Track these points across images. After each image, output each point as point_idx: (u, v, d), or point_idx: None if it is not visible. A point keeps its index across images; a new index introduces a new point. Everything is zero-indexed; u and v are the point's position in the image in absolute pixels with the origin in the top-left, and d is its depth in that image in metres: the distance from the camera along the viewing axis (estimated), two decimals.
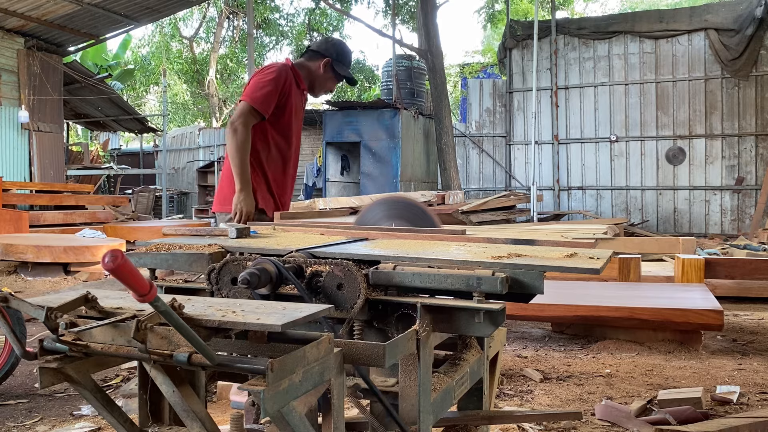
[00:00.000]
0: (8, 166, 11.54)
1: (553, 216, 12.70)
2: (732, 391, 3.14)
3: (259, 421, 1.75)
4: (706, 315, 3.90)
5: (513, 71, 14.42)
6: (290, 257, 1.53)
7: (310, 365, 1.12)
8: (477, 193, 14.39)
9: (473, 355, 1.76)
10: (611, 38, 13.48)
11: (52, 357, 1.16)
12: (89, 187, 13.62)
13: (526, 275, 1.41)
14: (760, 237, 10.11)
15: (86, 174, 15.36)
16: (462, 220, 8.67)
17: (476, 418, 1.84)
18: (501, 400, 3.09)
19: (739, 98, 12.63)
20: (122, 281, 0.93)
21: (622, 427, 2.71)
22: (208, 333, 1.11)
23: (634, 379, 3.44)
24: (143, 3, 12.04)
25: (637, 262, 5.25)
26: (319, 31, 23.92)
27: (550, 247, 1.72)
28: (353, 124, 13.82)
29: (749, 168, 12.63)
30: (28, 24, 11.49)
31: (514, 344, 4.27)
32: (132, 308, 1.17)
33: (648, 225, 12.97)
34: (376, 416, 1.58)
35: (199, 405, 1.29)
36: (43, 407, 3.10)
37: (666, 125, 13.17)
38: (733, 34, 12.49)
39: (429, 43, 13.40)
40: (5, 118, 11.52)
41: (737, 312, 5.28)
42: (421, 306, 1.42)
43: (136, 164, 20.16)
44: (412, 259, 1.51)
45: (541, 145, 13.76)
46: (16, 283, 7.14)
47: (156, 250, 1.70)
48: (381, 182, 13.45)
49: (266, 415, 1.04)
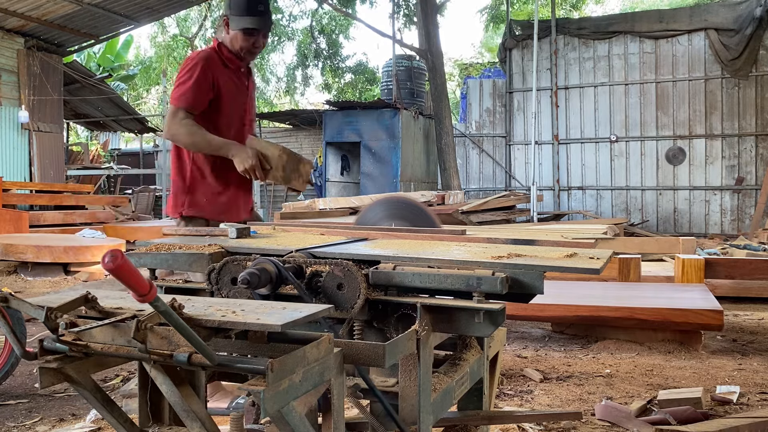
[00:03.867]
0: (8, 166, 11.55)
1: (553, 216, 12.70)
2: (732, 391, 3.14)
3: (259, 421, 1.75)
4: (705, 315, 3.90)
5: (513, 71, 14.42)
6: (290, 257, 1.53)
7: (310, 365, 1.12)
8: (477, 193, 14.38)
9: (473, 355, 1.76)
10: (611, 38, 13.49)
11: (52, 357, 1.16)
12: (89, 187, 13.63)
13: (526, 275, 1.41)
14: (760, 237, 10.10)
15: (86, 174, 15.37)
16: (462, 220, 8.67)
17: (476, 418, 1.84)
18: (501, 400, 3.09)
19: (739, 98, 12.64)
20: (122, 281, 0.93)
21: (622, 427, 2.71)
22: (208, 333, 1.11)
23: (634, 379, 3.44)
24: (143, 3, 12.05)
25: (637, 262, 5.24)
26: (324, 32, 23.87)
27: (550, 247, 1.72)
28: (353, 124, 13.82)
29: (749, 168, 12.63)
30: (28, 24, 11.49)
31: (514, 344, 4.27)
32: (132, 308, 1.17)
33: (648, 225, 12.97)
34: (376, 416, 1.58)
35: (199, 405, 1.29)
36: (43, 407, 3.10)
37: (666, 125, 13.17)
38: (732, 34, 12.49)
39: (429, 43, 13.41)
40: (5, 118, 11.52)
41: (737, 312, 5.28)
42: (421, 306, 1.42)
43: (136, 164, 20.15)
44: (412, 259, 1.51)
45: (541, 145, 13.76)
46: (16, 283, 7.14)
47: (156, 250, 1.70)
48: (381, 182, 13.45)
49: (266, 415, 1.04)
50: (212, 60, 2.76)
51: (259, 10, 2.74)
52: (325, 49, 23.74)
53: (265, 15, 2.78)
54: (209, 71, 2.72)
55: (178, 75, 2.76)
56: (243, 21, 2.72)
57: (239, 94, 2.87)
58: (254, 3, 2.74)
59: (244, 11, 2.73)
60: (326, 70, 24.30)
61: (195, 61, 2.73)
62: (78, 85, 13.67)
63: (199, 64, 2.71)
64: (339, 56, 24.30)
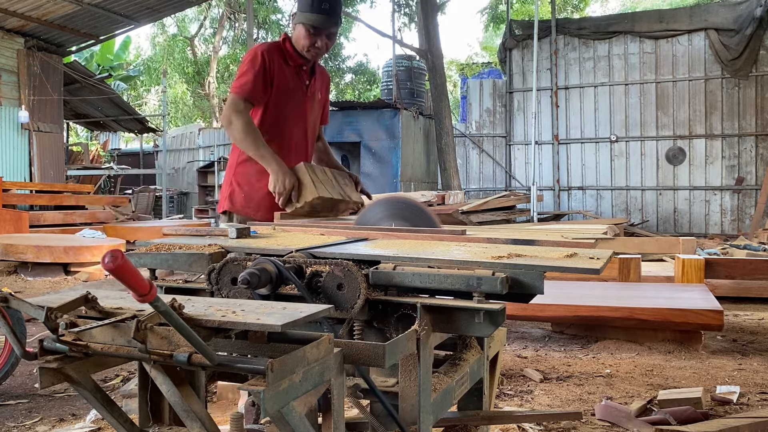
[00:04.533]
0: (8, 166, 11.55)
1: (553, 216, 12.70)
2: (732, 391, 3.14)
3: (259, 421, 1.75)
4: (705, 315, 3.90)
5: (513, 71, 14.42)
6: (290, 257, 1.52)
7: (310, 365, 1.12)
8: (477, 193, 14.38)
9: (473, 355, 1.76)
10: (611, 38, 13.49)
11: (52, 357, 1.16)
12: (89, 187, 13.63)
13: (526, 275, 1.41)
14: (760, 237, 10.11)
15: (86, 174, 15.37)
16: (462, 220, 8.67)
17: (476, 418, 1.84)
18: (501, 400, 3.09)
19: (739, 98, 12.63)
20: (122, 281, 0.93)
21: (622, 427, 2.71)
22: (208, 333, 1.11)
23: (634, 379, 3.44)
24: (143, 3, 12.05)
25: (637, 262, 5.24)
26: None
27: (550, 247, 1.71)
28: (353, 124, 13.82)
29: (749, 168, 12.63)
30: (28, 24, 11.50)
31: (514, 344, 4.27)
32: (132, 308, 1.17)
33: (648, 225, 12.97)
34: (376, 416, 1.58)
35: (199, 405, 1.29)
36: (43, 407, 3.10)
37: (666, 125, 13.17)
38: (733, 34, 12.49)
39: (429, 43, 13.41)
40: (5, 118, 11.52)
41: (737, 312, 5.28)
42: (421, 306, 1.42)
43: (136, 164, 20.17)
44: (412, 259, 1.51)
45: (541, 145, 13.76)
46: (16, 283, 7.14)
47: (156, 250, 1.70)
48: (381, 182, 13.45)
49: (266, 415, 1.04)
50: (273, 53, 2.74)
51: (323, 8, 2.67)
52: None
53: (331, 14, 2.69)
54: (270, 63, 2.71)
55: (241, 65, 2.77)
56: (305, 17, 2.68)
57: (296, 92, 2.81)
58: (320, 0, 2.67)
59: (308, 7, 2.67)
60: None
61: (257, 51, 2.73)
62: (78, 85, 13.68)
63: (260, 55, 2.70)
64: (340, 57, 24.31)
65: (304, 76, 2.84)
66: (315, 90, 2.91)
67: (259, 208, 2.78)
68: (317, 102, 2.95)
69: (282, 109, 2.78)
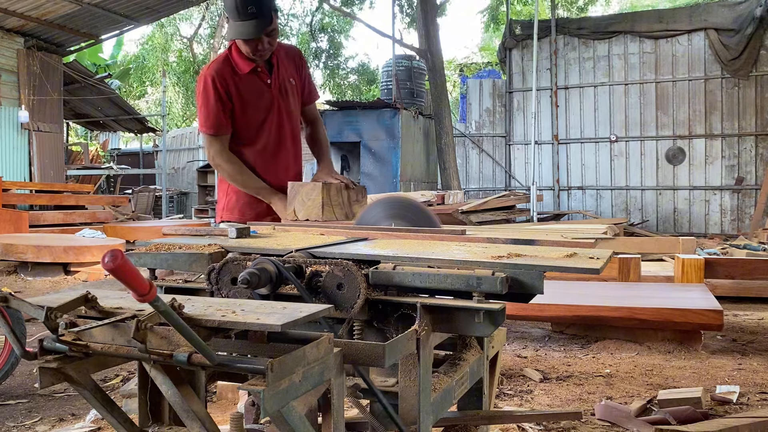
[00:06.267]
0: (8, 166, 11.54)
1: (553, 216, 12.70)
2: (732, 391, 3.15)
3: (259, 421, 1.75)
4: (705, 315, 3.90)
5: (513, 71, 14.42)
6: (290, 257, 1.52)
7: (310, 365, 1.12)
8: (477, 193, 14.38)
9: (473, 355, 1.76)
10: (611, 38, 13.48)
11: (52, 357, 1.16)
12: (89, 187, 13.62)
13: (526, 275, 1.41)
14: (760, 237, 10.10)
15: (86, 174, 15.36)
16: (462, 220, 8.67)
17: (476, 418, 1.84)
18: (501, 400, 3.09)
19: (739, 98, 12.63)
20: (122, 281, 0.93)
21: (622, 427, 2.71)
22: (208, 333, 1.11)
23: (634, 379, 3.44)
24: (143, 3, 12.04)
25: (637, 262, 5.24)
26: (325, 31, 23.83)
27: (550, 247, 1.71)
28: (353, 124, 13.82)
29: (749, 168, 12.63)
30: (27, 24, 11.49)
31: (514, 344, 4.27)
32: (132, 308, 1.17)
33: (648, 225, 12.97)
34: (376, 416, 1.58)
35: (199, 405, 1.29)
36: (42, 407, 3.10)
37: (666, 125, 13.17)
38: (732, 34, 12.48)
39: (429, 43, 13.41)
40: (5, 118, 11.52)
41: (737, 312, 5.28)
42: (421, 306, 1.42)
43: (136, 164, 20.15)
44: (412, 259, 1.51)
45: (541, 145, 13.75)
46: (16, 283, 7.14)
47: (156, 250, 1.70)
48: (381, 182, 13.44)
49: (266, 415, 1.04)
50: (223, 72, 2.62)
51: (249, 12, 2.43)
52: (326, 51, 23.73)
53: (260, 15, 2.46)
54: (222, 85, 2.61)
55: (196, 97, 2.70)
56: (236, 29, 2.49)
57: (262, 95, 2.69)
58: (243, 5, 2.43)
59: (235, 16, 2.46)
60: (327, 72, 24.29)
61: (206, 80, 2.62)
62: (78, 85, 13.67)
63: (210, 83, 2.60)
64: (340, 57, 24.29)
65: (264, 75, 2.70)
66: (282, 80, 2.76)
67: (258, 217, 2.77)
68: (291, 89, 2.80)
69: (254, 117, 2.70)
